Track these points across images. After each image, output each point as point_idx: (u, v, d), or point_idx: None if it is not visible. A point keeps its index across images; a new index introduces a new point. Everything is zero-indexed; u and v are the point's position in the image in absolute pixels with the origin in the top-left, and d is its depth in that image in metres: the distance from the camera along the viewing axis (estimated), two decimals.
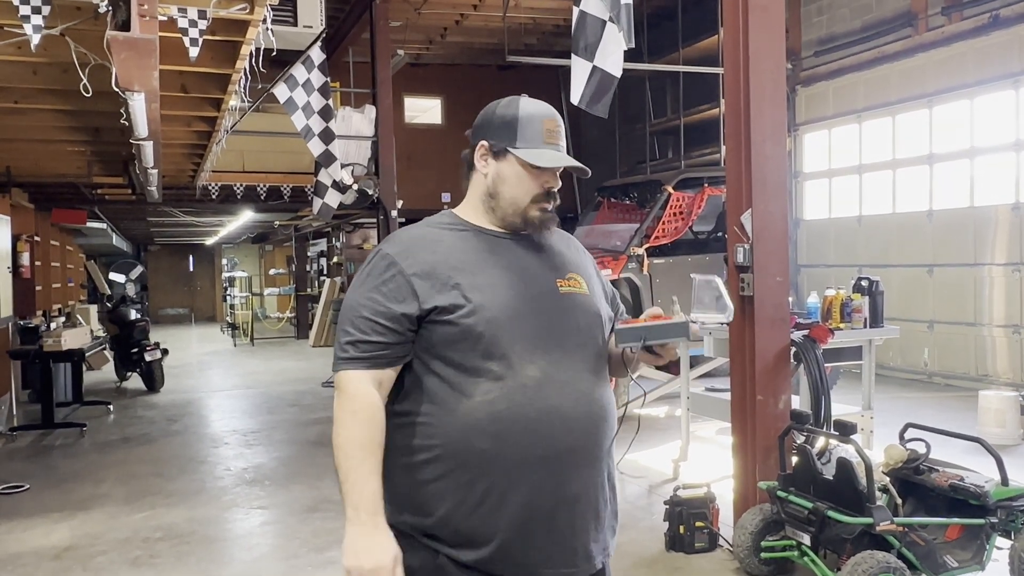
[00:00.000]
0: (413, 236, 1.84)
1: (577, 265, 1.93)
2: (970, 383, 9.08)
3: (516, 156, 1.81)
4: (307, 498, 5.71)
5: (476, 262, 1.78)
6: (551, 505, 1.72)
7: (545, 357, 1.73)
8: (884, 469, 4.00)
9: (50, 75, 4.95)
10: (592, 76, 4.83)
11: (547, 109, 1.87)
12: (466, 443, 1.69)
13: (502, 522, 1.69)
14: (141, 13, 2.89)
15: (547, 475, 1.71)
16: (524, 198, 1.83)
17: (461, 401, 1.69)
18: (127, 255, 24.36)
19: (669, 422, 7.54)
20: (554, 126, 1.85)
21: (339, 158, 9.23)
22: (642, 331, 1.69)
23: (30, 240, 10.45)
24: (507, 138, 1.83)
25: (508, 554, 1.70)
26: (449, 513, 1.70)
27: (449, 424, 1.70)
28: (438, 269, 1.75)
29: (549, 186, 1.84)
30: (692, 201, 9.17)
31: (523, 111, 1.84)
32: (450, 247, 1.79)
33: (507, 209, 1.83)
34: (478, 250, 1.80)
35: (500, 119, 1.85)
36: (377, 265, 1.80)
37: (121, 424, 8.67)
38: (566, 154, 1.87)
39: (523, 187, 1.82)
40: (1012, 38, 8.77)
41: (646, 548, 4.44)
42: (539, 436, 1.70)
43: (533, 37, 13.79)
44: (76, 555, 4.72)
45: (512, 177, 1.82)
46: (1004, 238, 8.96)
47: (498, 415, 1.68)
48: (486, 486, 1.69)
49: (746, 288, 4.38)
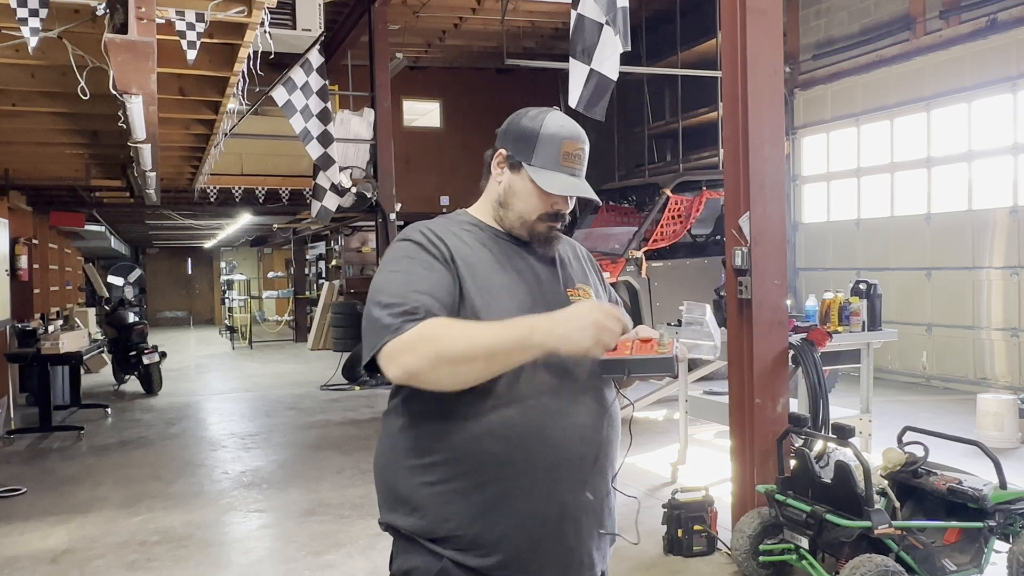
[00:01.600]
0: (440, 224, 1.83)
1: (585, 276, 1.94)
2: (968, 386, 9.08)
3: (528, 174, 1.79)
4: (305, 501, 5.70)
5: (489, 266, 1.77)
6: (559, 513, 1.70)
7: (559, 365, 1.71)
8: (882, 472, 4.00)
9: (48, 78, 4.94)
10: (590, 79, 4.84)
11: (572, 131, 1.81)
12: (477, 447, 1.67)
13: (510, 528, 1.67)
14: (139, 16, 2.89)
15: (557, 482, 1.70)
16: (531, 214, 1.81)
17: (473, 404, 1.67)
18: (125, 258, 24.32)
19: (667, 425, 7.53)
20: (574, 149, 1.80)
21: (338, 161, 9.24)
22: (626, 364, 1.67)
23: (28, 243, 10.43)
24: (524, 153, 1.80)
25: (514, 560, 1.68)
26: (456, 517, 1.68)
27: (460, 427, 1.68)
28: (466, 259, 1.75)
29: (558, 208, 1.82)
30: (690, 204, 9.18)
31: (546, 129, 1.79)
32: (471, 245, 1.79)
33: (514, 221, 1.82)
34: (494, 253, 1.80)
35: (522, 131, 1.81)
36: (410, 246, 1.76)
37: (119, 427, 8.65)
38: (583, 179, 1.83)
39: (531, 204, 1.81)
40: (1009, 42, 8.78)
41: (644, 552, 4.43)
42: (550, 443, 1.69)
43: (532, 40, 13.80)
44: (73, 559, 4.71)
45: (523, 192, 1.81)
46: (1002, 241, 8.96)
47: (510, 420, 1.67)
48: (495, 491, 1.67)
49: (744, 291, 4.38)
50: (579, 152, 1.81)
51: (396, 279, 1.70)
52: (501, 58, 9.67)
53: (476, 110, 15.32)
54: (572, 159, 1.80)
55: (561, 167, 1.79)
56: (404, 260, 1.74)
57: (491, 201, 1.86)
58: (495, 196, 1.85)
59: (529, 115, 1.83)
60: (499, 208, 1.84)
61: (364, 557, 4.59)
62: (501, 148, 1.84)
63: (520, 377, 1.68)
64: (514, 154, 1.81)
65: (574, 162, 1.81)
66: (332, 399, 10.21)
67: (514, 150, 1.81)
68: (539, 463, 1.68)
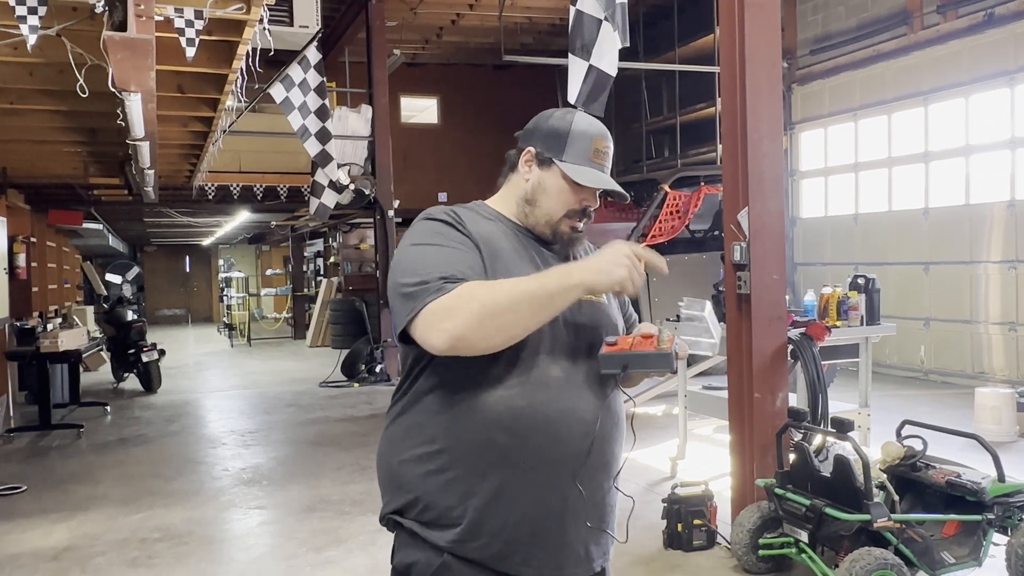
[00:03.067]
0: (463, 209, 1.83)
1: None
2: (966, 380, 9.10)
3: (561, 169, 1.80)
4: (305, 498, 5.71)
5: (510, 254, 1.77)
6: (561, 507, 1.71)
7: (568, 359, 1.73)
8: (881, 466, 4.02)
9: (46, 76, 4.93)
10: (588, 75, 4.85)
11: (600, 128, 1.85)
12: (484, 436, 1.67)
13: (511, 518, 1.68)
14: (137, 13, 2.89)
15: (559, 476, 1.71)
16: (559, 211, 1.82)
17: (482, 393, 1.67)
18: (124, 256, 24.30)
19: (667, 420, 7.55)
20: (603, 146, 1.84)
21: (336, 158, 9.24)
22: (625, 359, 1.68)
23: (26, 241, 10.42)
24: (555, 149, 1.81)
25: (514, 551, 1.69)
26: (459, 506, 1.68)
27: (467, 416, 1.68)
28: (489, 245, 1.75)
29: (586, 204, 1.83)
30: (689, 200, 9.20)
31: (576, 126, 1.82)
32: (493, 233, 1.79)
33: (540, 219, 1.83)
34: (514, 244, 1.80)
35: (551, 129, 1.84)
36: (438, 225, 1.74)
37: (118, 425, 8.65)
38: (610, 176, 1.85)
39: (561, 200, 1.82)
40: (1007, 36, 8.79)
41: (644, 546, 4.44)
42: (556, 437, 1.69)
43: (529, 36, 13.79)
44: (74, 556, 4.71)
45: (553, 188, 1.82)
46: (999, 236, 8.98)
47: (519, 411, 1.67)
48: (498, 481, 1.67)
49: (743, 286, 4.39)
50: (607, 149, 1.85)
51: (428, 252, 1.69)
52: (499, 54, 9.65)
53: (474, 106, 15.31)
54: (602, 156, 1.84)
55: (592, 163, 1.82)
56: (435, 235, 1.73)
57: (515, 198, 1.86)
58: (521, 193, 1.85)
59: (556, 115, 1.86)
60: (525, 205, 1.84)
61: (365, 553, 4.60)
62: (528, 147, 1.85)
63: (532, 369, 1.69)
64: (544, 151, 1.83)
65: (604, 159, 1.84)
66: (331, 396, 10.22)
67: (544, 147, 1.83)
68: (543, 455, 1.69)
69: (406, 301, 1.64)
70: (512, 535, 1.69)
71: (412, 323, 1.62)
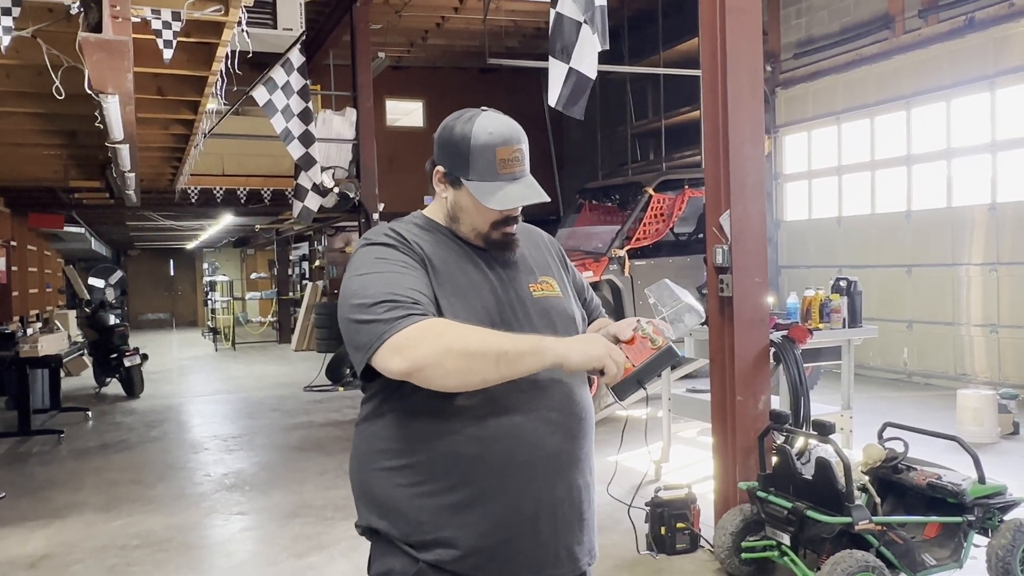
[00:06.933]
0: (401, 226, 1.81)
1: (547, 266, 1.92)
2: (949, 382, 9.16)
3: (468, 190, 1.75)
4: (288, 504, 5.67)
5: (455, 265, 1.76)
6: (534, 509, 1.70)
7: None
8: (863, 468, 4.03)
9: (23, 78, 4.89)
10: (568, 78, 4.84)
11: (503, 134, 1.74)
12: (450, 448, 1.67)
13: (484, 528, 1.67)
14: (113, 15, 2.86)
15: (531, 479, 1.70)
16: (484, 225, 1.78)
17: (444, 406, 1.66)
18: (106, 260, 24.08)
19: (650, 423, 7.53)
20: (509, 154, 1.73)
21: (320, 161, 9.19)
22: (637, 376, 1.67)
23: (6, 245, 10.33)
24: (460, 168, 1.74)
25: (492, 559, 1.68)
26: (432, 518, 1.68)
27: (432, 429, 1.68)
28: (432, 259, 1.74)
29: (508, 214, 1.78)
30: (673, 203, 9.21)
31: (475, 140, 1.72)
32: (433, 246, 1.77)
33: (468, 233, 1.80)
34: (455, 253, 1.78)
35: (453, 146, 1.75)
36: (380, 249, 1.72)
37: (99, 430, 8.57)
38: (527, 178, 1.76)
39: (481, 216, 1.77)
40: (987, 40, 8.86)
41: (627, 550, 4.42)
42: (523, 441, 1.69)
43: (514, 40, 13.80)
44: (52, 563, 4.66)
45: (469, 207, 1.77)
46: (981, 238, 9.04)
47: (482, 420, 1.67)
48: (469, 492, 1.67)
49: (725, 289, 4.40)
50: (516, 154, 1.74)
51: (376, 280, 1.65)
52: (484, 57, 9.67)
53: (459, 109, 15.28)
54: (510, 164, 1.74)
55: (500, 174, 1.73)
56: (378, 262, 1.70)
57: (443, 212, 1.84)
58: (446, 209, 1.82)
59: (459, 124, 1.77)
60: (451, 221, 1.82)
61: (346, 559, 4.57)
62: (439, 164, 1.79)
63: None
64: (451, 170, 1.76)
65: (512, 167, 1.74)
66: (315, 400, 10.16)
67: (450, 166, 1.77)
68: (512, 461, 1.68)
69: (362, 334, 1.61)
70: (486, 544, 1.68)
71: (373, 357, 1.59)
